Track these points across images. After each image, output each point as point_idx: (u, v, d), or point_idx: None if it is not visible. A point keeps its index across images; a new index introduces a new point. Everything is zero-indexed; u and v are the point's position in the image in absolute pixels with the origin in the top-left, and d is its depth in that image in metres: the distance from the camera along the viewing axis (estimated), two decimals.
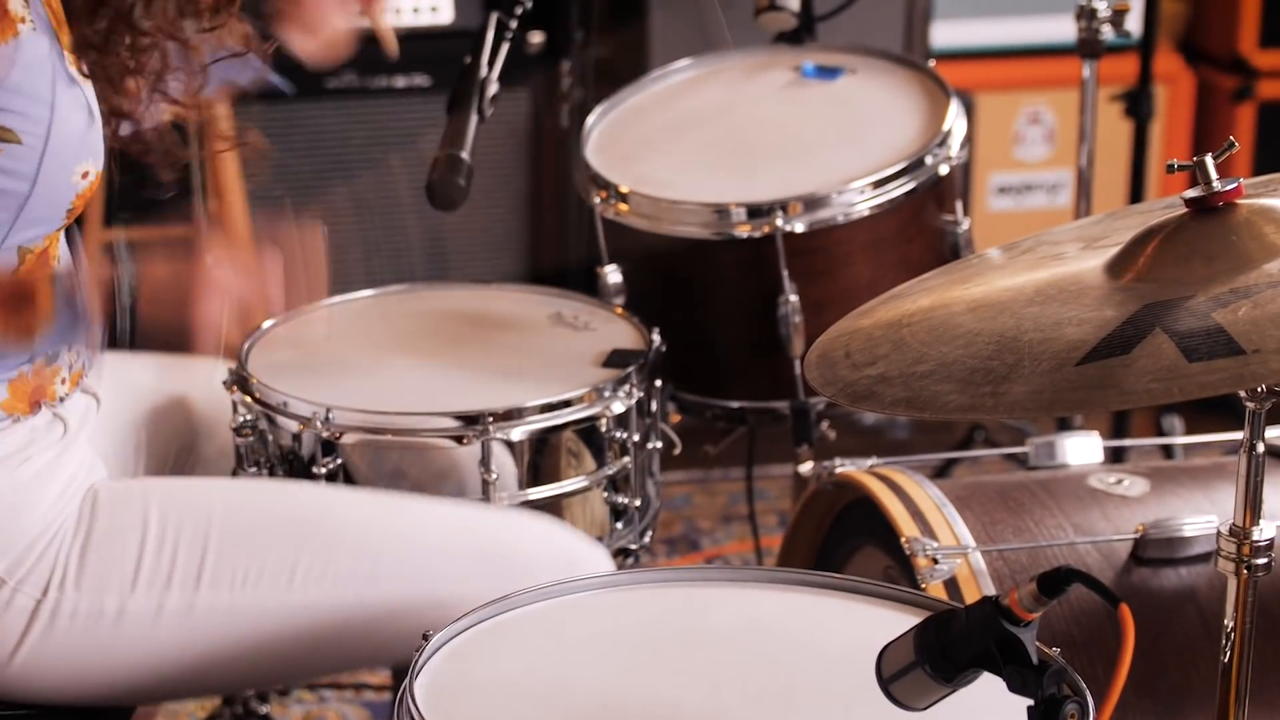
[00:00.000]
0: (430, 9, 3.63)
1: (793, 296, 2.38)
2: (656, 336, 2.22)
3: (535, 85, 3.81)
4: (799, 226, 2.37)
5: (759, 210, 2.38)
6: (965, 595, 1.92)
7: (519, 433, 2.04)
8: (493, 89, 2.28)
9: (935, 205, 2.48)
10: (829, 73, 2.66)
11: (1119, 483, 2.09)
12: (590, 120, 2.61)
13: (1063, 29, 3.38)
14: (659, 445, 2.24)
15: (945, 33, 4.01)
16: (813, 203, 2.38)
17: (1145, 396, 1.39)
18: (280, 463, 2.09)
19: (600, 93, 2.83)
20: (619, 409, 2.10)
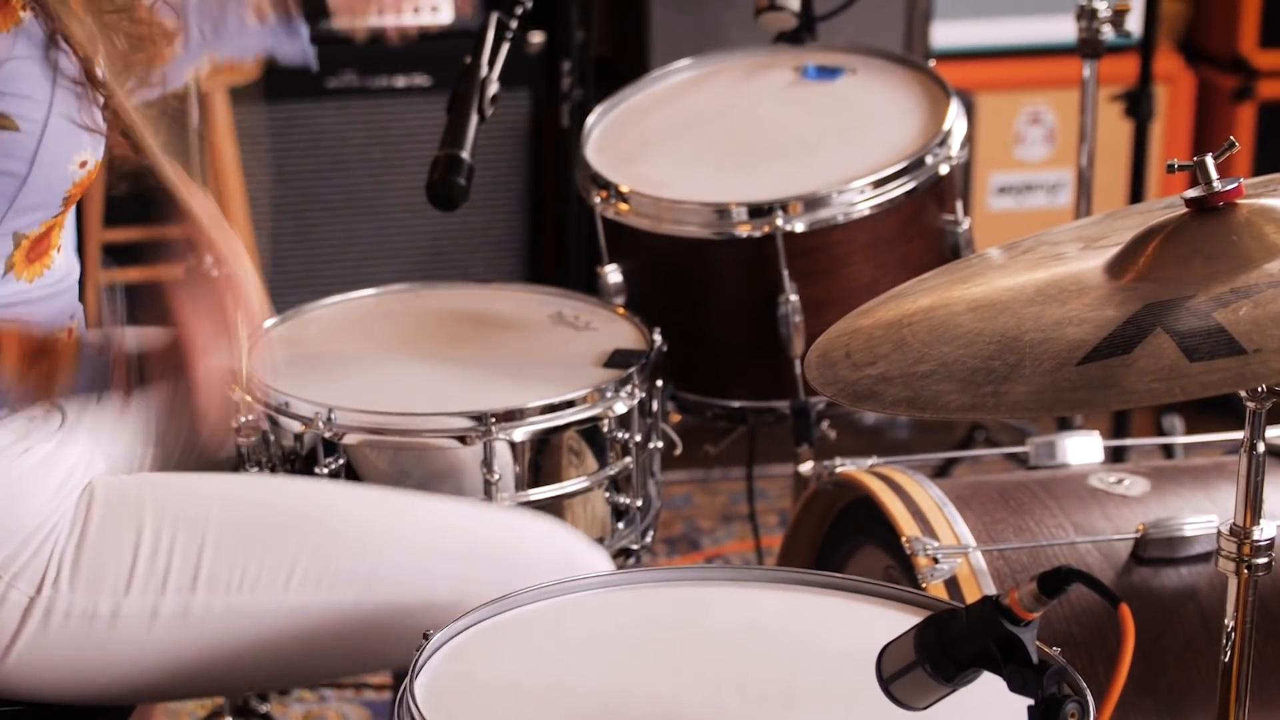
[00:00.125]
0: (430, 9, 3.63)
1: (793, 296, 2.38)
2: (658, 336, 2.22)
3: (535, 85, 3.81)
4: (799, 226, 2.37)
5: (759, 210, 2.38)
6: (966, 595, 1.91)
7: (521, 433, 2.04)
8: (493, 89, 2.28)
9: (935, 205, 2.48)
10: (829, 73, 2.65)
11: (1119, 482, 2.09)
12: (590, 120, 2.61)
13: (1063, 29, 3.38)
14: (660, 445, 2.24)
15: (945, 33, 4.01)
16: (813, 202, 2.38)
17: (1147, 396, 1.39)
18: (282, 463, 2.09)
19: (600, 92, 2.83)
20: (621, 409, 2.10)
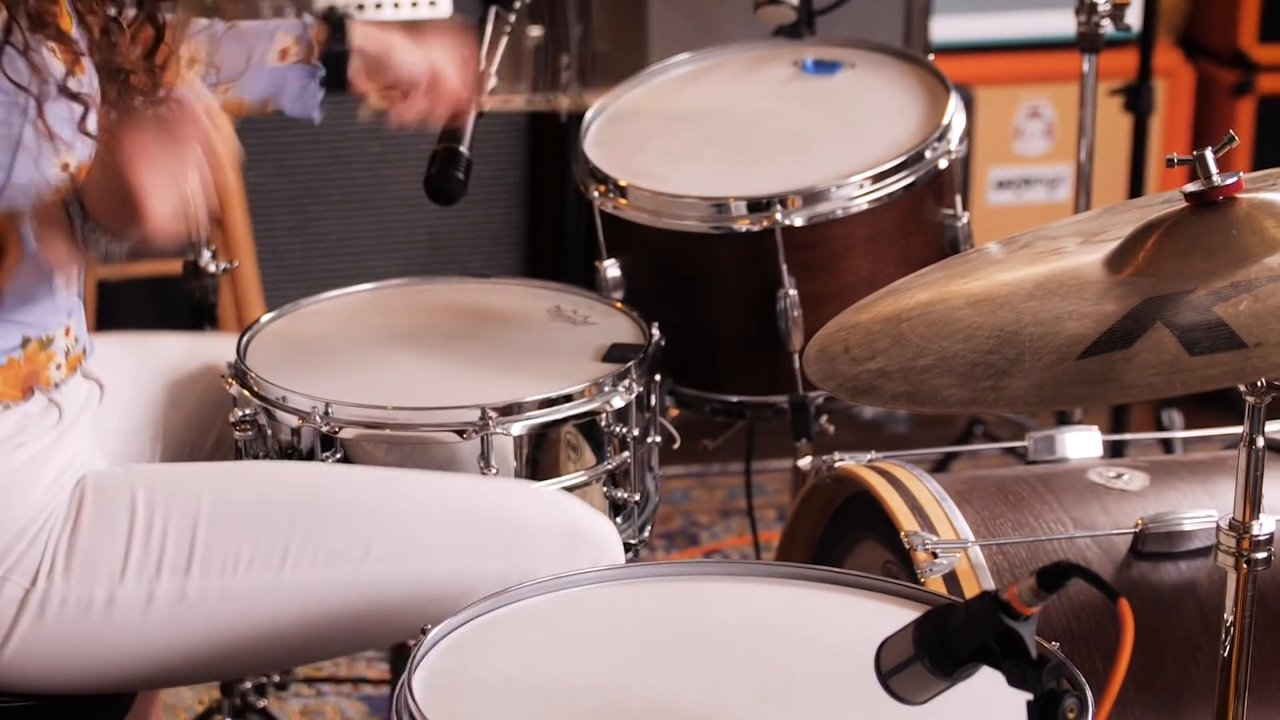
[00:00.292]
0: (429, 3, 3.63)
1: (792, 290, 2.38)
2: (656, 331, 2.22)
3: (534, 79, 3.80)
4: (798, 220, 2.37)
5: (758, 204, 2.37)
6: (965, 590, 1.91)
7: (519, 427, 2.03)
8: (491, 83, 2.28)
9: (934, 199, 2.48)
10: (828, 67, 2.65)
11: (1118, 477, 2.09)
12: (589, 114, 2.60)
13: (1062, 23, 3.38)
14: (658, 440, 2.24)
15: (945, 27, 4.01)
16: (812, 197, 2.37)
17: (1146, 390, 1.39)
18: (279, 457, 2.08)
19: (599, 87, 2.83)
20: (619, 403, 2.09)
